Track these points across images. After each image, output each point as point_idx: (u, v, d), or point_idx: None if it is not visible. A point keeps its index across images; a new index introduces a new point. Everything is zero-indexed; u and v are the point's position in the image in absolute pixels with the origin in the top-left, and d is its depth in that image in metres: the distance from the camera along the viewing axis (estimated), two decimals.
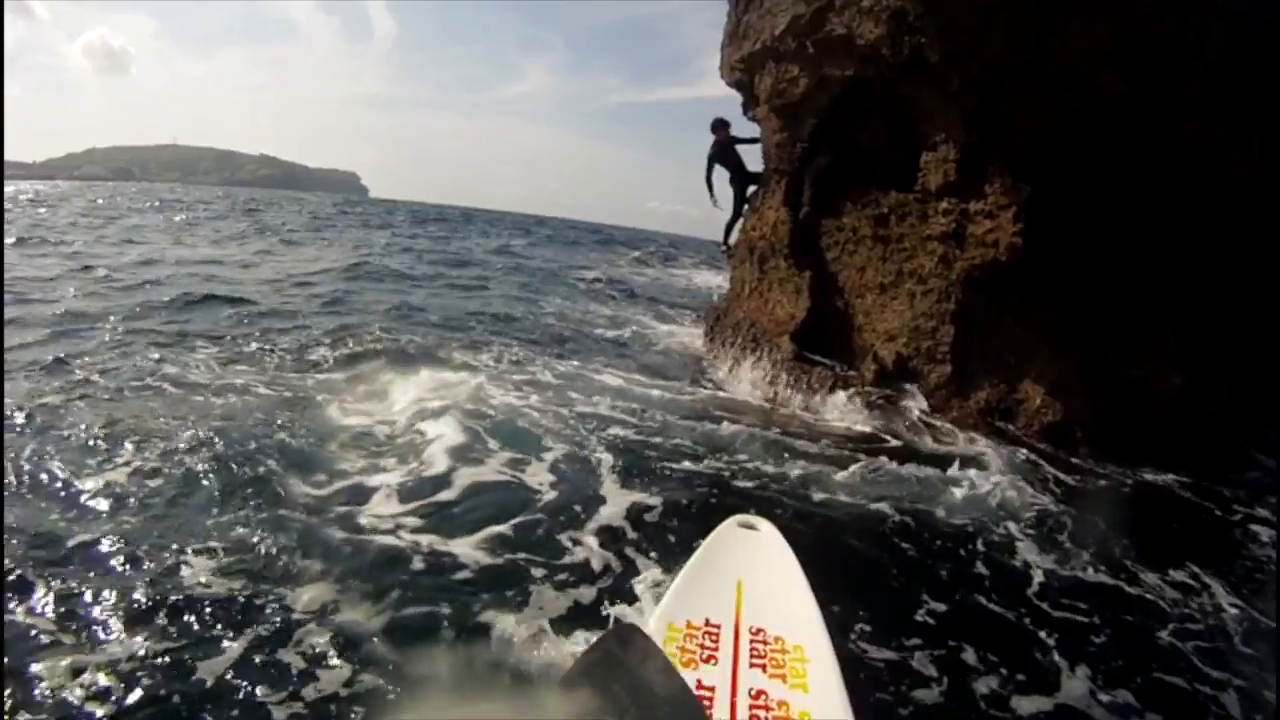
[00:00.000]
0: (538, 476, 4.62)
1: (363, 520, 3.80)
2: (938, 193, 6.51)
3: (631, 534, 3.96)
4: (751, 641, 2.12)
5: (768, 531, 2.82)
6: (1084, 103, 5.68)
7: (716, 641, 2.10)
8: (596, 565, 3.60)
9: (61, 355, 6.29)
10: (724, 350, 8.45)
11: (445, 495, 4.23)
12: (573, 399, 6.34)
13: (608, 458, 4.99)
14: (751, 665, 2.03)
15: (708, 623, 2.17)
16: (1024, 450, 5.84)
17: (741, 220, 9.06)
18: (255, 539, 3.45)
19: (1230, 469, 6.15)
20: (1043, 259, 6.11)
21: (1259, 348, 6.32)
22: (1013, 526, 4.52)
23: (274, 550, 3.36)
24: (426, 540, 3.65)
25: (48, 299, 8.84)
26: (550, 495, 4.37)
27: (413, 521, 3.87)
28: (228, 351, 6.95)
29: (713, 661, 2.03)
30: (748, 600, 2.30)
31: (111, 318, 8.03)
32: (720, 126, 8.58)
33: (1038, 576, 3.95)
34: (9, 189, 35.75)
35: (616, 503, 4.31)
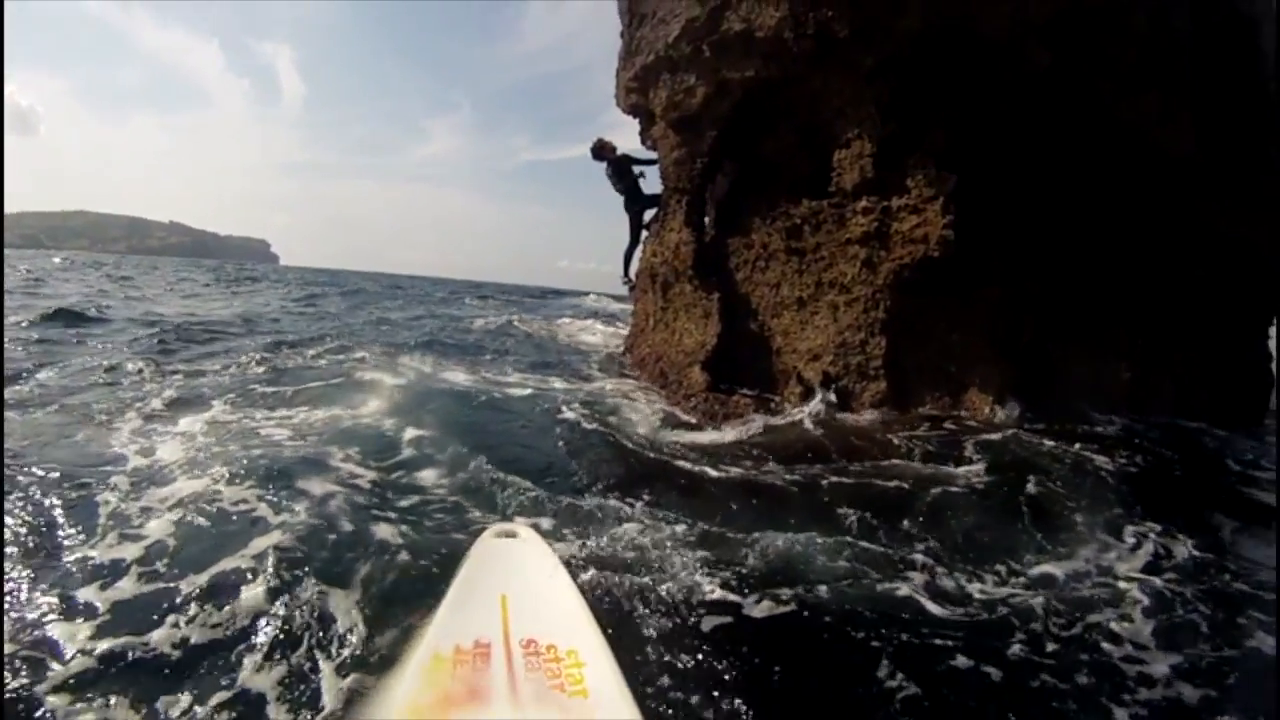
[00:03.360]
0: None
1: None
2: (854, 192, 5.83)
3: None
4: (525, 655, 1.97)
5: (528, 537, 2.67)
6: (1010, 79, 5.17)
7: (488, 661, 1.93)
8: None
9: None
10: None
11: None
12: None
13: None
14: (528, 679, 1.89)
15: (477, 644, 1.99)
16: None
17: (641, 248, 8.19)
18: None
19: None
20: (976, 256, 5.45)
21: (1203, 333, 5.83)
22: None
23: None
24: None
25: None
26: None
27: None
28: None
29: (489, 692, 1.85)
30: (514, 612, 2.15)
31: None
32: (602, 147, 7.83)
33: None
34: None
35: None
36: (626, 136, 8.85)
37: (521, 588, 2.31)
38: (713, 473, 4.29)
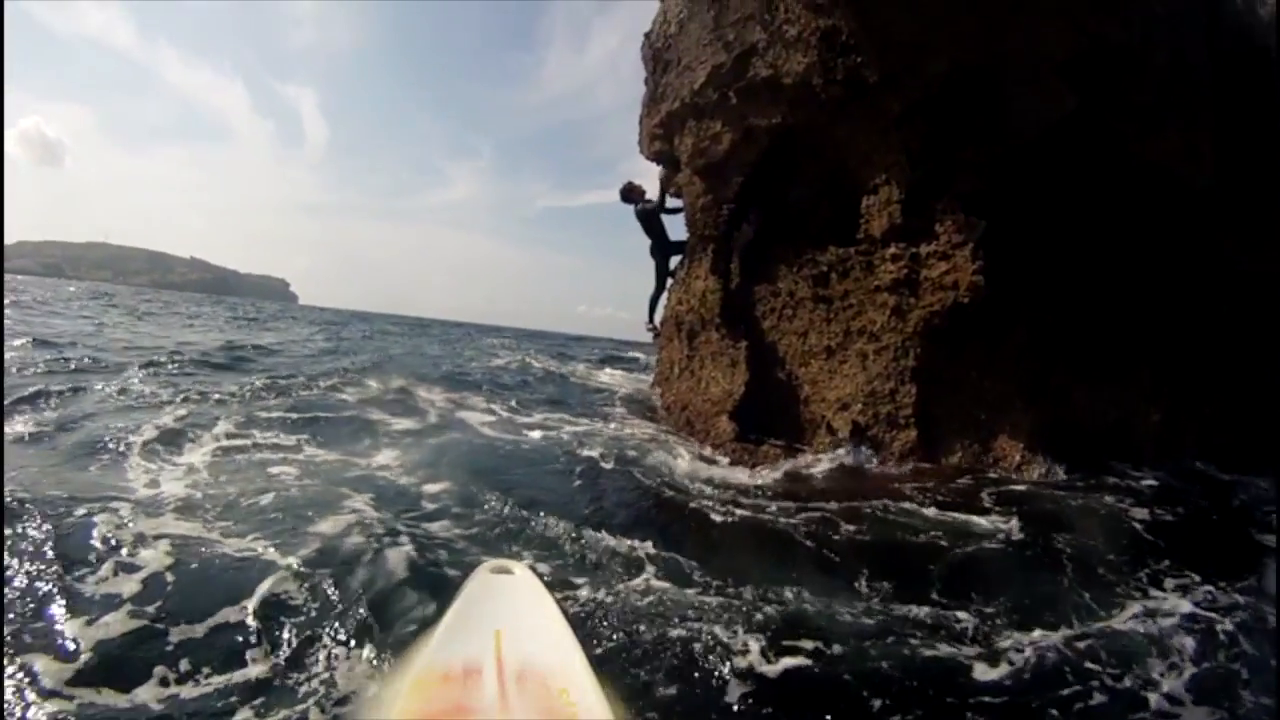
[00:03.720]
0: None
1: None
2: (883, 239, 5.71)
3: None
4: (517, 686, 1.88)
5: (522, 575, 2.62)
6: (1035, 122, 5.11)
7: (479, 685, 1.86)
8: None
9: None
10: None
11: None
12: None
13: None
14: (518, 709, 1.79)
15: (467, 671, 1.92)
16: None
17: (666, 295, 8.11)
18: None
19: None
20: (1003, 302, 5.31)
21: (1228, 370, 5.63)
22: None
23: None
24: None
25: None
26: None
27: None
28: None
29: (476, 714, 1.78)
30: (507, 647, 2.07)
31: None
32: (631, 190, 7.83)
33: None
34: None
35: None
36: (644, 184, 8.91)
37: (515, 623, 2.25)
38: (734, 521, 4.11)
